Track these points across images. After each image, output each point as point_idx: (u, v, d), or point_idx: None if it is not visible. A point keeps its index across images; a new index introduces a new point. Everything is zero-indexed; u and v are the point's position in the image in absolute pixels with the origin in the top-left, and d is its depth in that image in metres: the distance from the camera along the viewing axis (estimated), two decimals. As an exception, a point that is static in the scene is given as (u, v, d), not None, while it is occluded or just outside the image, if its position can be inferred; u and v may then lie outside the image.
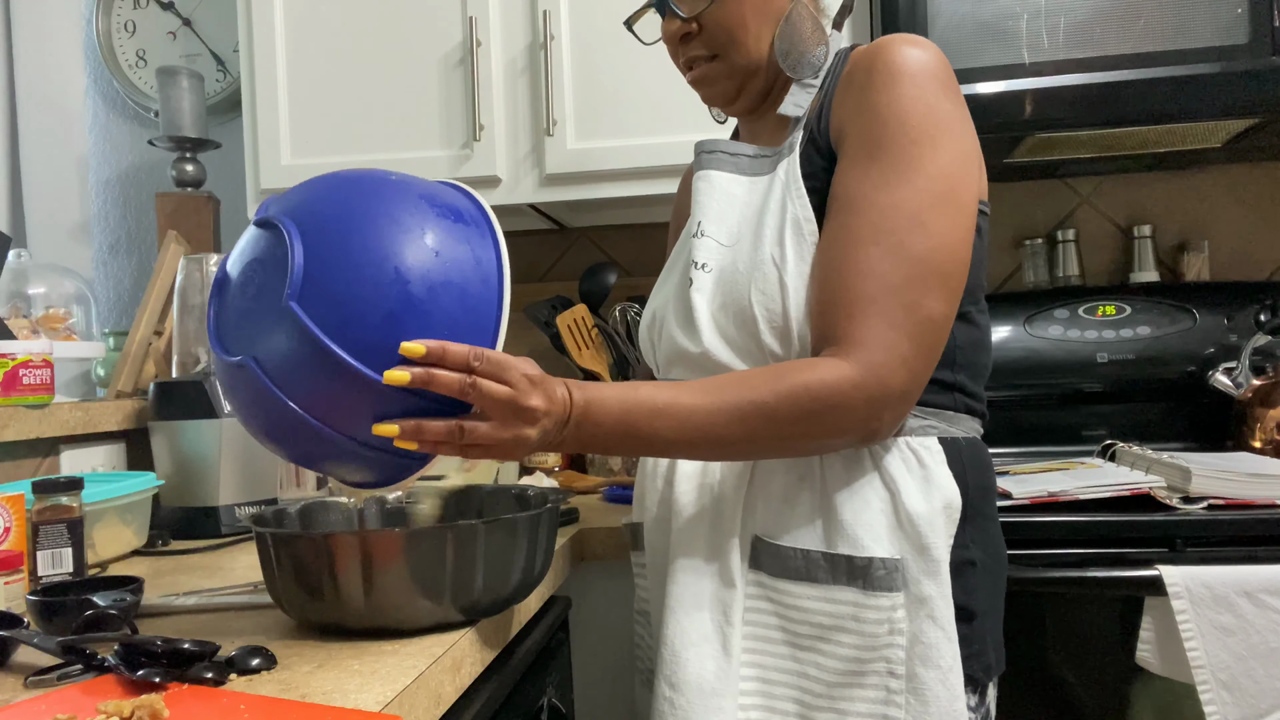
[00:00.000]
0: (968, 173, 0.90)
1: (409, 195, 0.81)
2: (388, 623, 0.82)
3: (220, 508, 1.45)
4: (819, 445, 0.88)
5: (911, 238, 0.86)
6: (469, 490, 1.05)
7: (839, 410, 0.84)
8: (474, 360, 0.76)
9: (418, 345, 0.75)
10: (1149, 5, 1.51)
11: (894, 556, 0.89)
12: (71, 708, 0.66)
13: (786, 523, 0.94)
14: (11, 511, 1.02)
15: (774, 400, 0.84)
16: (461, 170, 1.70)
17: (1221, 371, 1.65)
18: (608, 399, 0.83)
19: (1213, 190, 1.93)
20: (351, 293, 0.75)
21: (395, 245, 0.77)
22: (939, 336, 0.87)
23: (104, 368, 1.87)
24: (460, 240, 0.80)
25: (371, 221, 0.77)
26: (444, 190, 0.85)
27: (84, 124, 2.18)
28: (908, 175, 0.88)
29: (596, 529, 1.35)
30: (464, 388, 0.76)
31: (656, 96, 1.66)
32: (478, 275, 0.80)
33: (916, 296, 0.86)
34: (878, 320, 0.85)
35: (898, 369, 0.85)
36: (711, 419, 0.84)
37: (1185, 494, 1.30)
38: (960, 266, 0.89)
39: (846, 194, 0.90)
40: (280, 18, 1.75)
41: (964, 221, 0.89)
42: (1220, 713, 1.16)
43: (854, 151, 0.91)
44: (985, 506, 0.97)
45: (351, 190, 0.80)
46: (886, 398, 0.85)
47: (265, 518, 0.93)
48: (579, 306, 1.84)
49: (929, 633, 0.88)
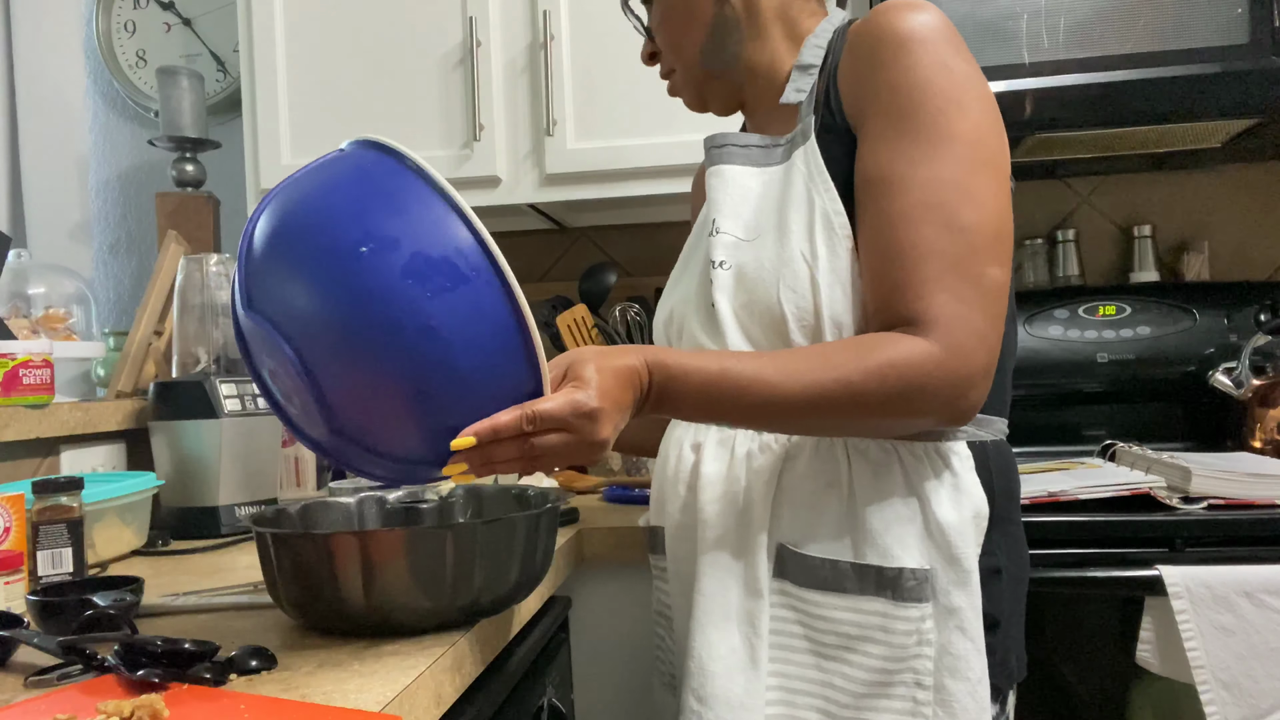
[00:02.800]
0: (998, 132, 0.87)
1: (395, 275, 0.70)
2: (388, 623, 0.82)
3: (220, 508, 1.45)
4: (904, 425, 0.85)
5: (962, 209, 0.83)
6: (470, 490, 1.05)
7: (926, 390, 0.81)
8: (527, 425, 0.74)
9: (468, 439, 0.72)
10: (1149, 5, 1.51)
11: (924, 567, 0.87)
12: (71, 708, 0.66)
13: (813, 531, 0.92)
14: (11, 511, 1.02)
15: (860, 379, 0.81)
16: (461, 170, 1.70)
17: (1221, 371, 1.65)
18: (690, 374, 0.82)
19: (1213, 190, 1.93)
20: (377, 425, 0.72)
21: (399, 361, 0.70)
22: (1003, 304, 0.85)
23: (104, 368, 1.87)
24: (462, 303, 0.71)
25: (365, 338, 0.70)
26: (439, 230, 0.72)
27: (84, 124, 2.18)
28: (942, 145, 0.85)
29: (596, 529, 1.35)
30: (523, 453, 0.75)
31: (656, 96, 1.66)
32: (489, 328, 0.72)
33: (979, 268, 0.83)
34: (947, 298, 0.82)
35: (978, 345, 0.82)
36: (796, 397, 0.82)
37: (1185, 494, 1.30)
38: (1009, 228, 0.86)
39: (881, 175, 0.87)
40: (280, 18, 1.75)
41: (1004, 183, 0.87)
42: (1220, 713, 1.16)
43: (879, 129, 0.88)
44: (1010, 511, 0.94)
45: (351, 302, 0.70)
46: (972, 375, 0.82)
47: (265, 517, 0.93)
48: (579, 306, 1.84)
49: (958, 644, 0.86)
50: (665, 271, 2.06)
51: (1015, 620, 0.94)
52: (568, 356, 0.80)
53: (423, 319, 0.70)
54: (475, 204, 1.72)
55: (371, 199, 0.73)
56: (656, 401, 0.82)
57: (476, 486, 1.05)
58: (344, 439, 0.75)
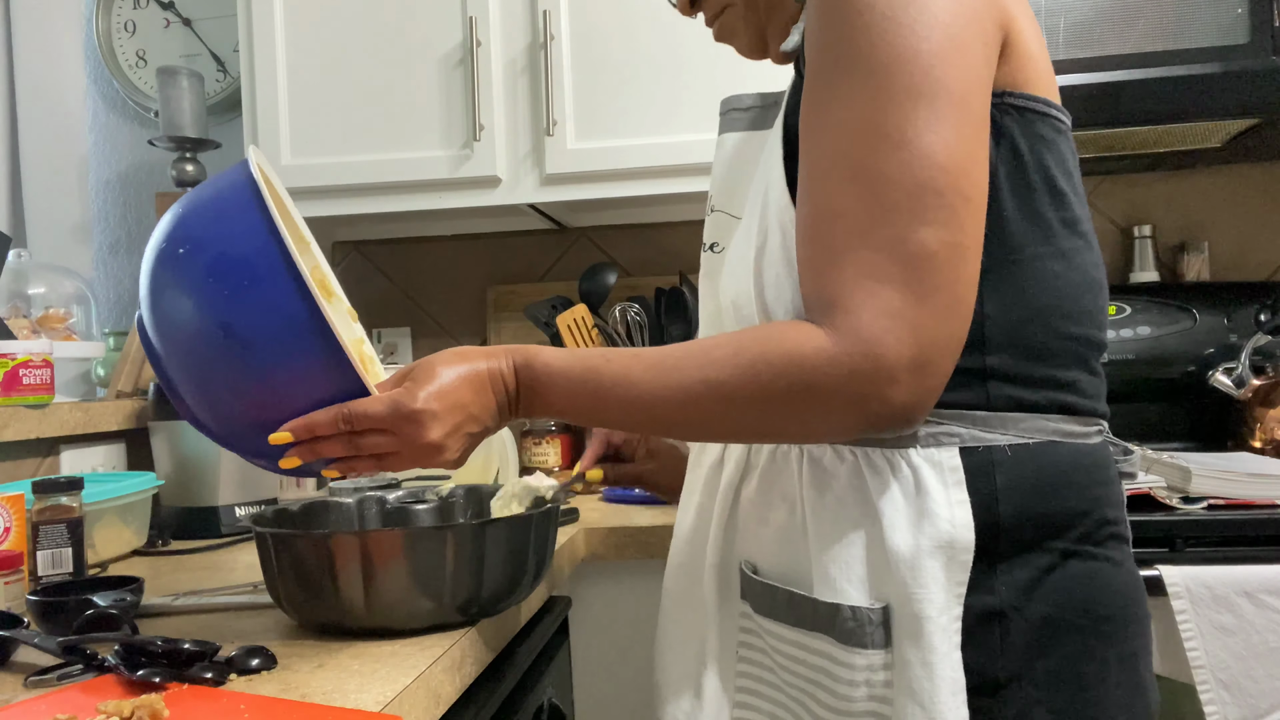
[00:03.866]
0: (955, 49, 0.66)
1: (193, 280, 0.74)
2: (388, 623, 0.82)
3: (220, 508, 1.45)
4: (804, 434, 0.70)
5: (875, 155, 0.66)
6: (470, 490, 1.05)
7: (816, 391, 0.65)
8: (343, 424, 0.72)
9: (284, 434, 0.73)
10: (1149, 5, 1.51)
11: (866, 606, 0.70)
12: (71, 708, 0.66)
13: (767, 551, 0.80)
14: (11, 511, 1.02)
15: (729, 377, 0.68)
16: (461, 170, 1.70)
17: (1221, 371, 1.65)
18: (555, 376, 0.74)
19: (1213, 190, 1.93)
20: (215, 413, 0.76)
21: (205, 357, 0.73)
22: (950, 274, 0.65)
23: (104, 368, 1.87)
24: (258, 303, 0.73)
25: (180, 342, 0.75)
26: (245, 231, 0.75)
27: (84, 124, 2.18)
28: (861, 77, 0.67)
29: (596, 529, 1.35)
30: (348, 450, 0.73)
31: (656, 96, 1.66)
32: (280, 324, 0.73)
33: (897, 230, 0.65)
34: (853, 272, 0.65)
35: (892, 328, 0.64)
36: (661, 398, 0.70)
37: (1185, 494, 1.30)
38: (957, 175, 0.65)
39: (804, 125, 0.72)
40: (280, 18, 1.75)
41: (951, 114, 0.66)
42: (1220, 713, 1.16)
43: (808, 69, 0.72)
44: (1053, 539, 0.71)
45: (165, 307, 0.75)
46: (883, 370, 0.64)
47: (265, 517, 0.93)
48: (579, 306, 1.84)
49: (907, 710, 0.68)
50: (665, 271, 2.06)
51: (1056, 681, 0.70)
52: (428, 358, 0.76)
53: (222, 317, 0.72)
54: (475, 204, 1.72)
55: (205, 205, 0.77)
56: (527, 403, 0.76)
57: (476, 486, 1.05)
58: (208, 432, 0.78)
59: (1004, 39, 0.71)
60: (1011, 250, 0.72)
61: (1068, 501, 0.72)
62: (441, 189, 1.72)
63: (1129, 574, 0.75)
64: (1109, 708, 0.71)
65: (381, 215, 1.82)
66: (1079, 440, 0.74)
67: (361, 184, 1.73)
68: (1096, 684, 0.71)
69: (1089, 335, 0.75)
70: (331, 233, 2.13)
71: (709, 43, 1.65)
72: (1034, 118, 0.72)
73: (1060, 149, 0.74)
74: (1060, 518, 0.72)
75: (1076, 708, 0.70)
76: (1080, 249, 0.75)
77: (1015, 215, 0.72)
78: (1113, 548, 0.75)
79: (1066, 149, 0.75)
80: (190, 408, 0.76)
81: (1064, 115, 0.75)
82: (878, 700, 0.71)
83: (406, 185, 1.73)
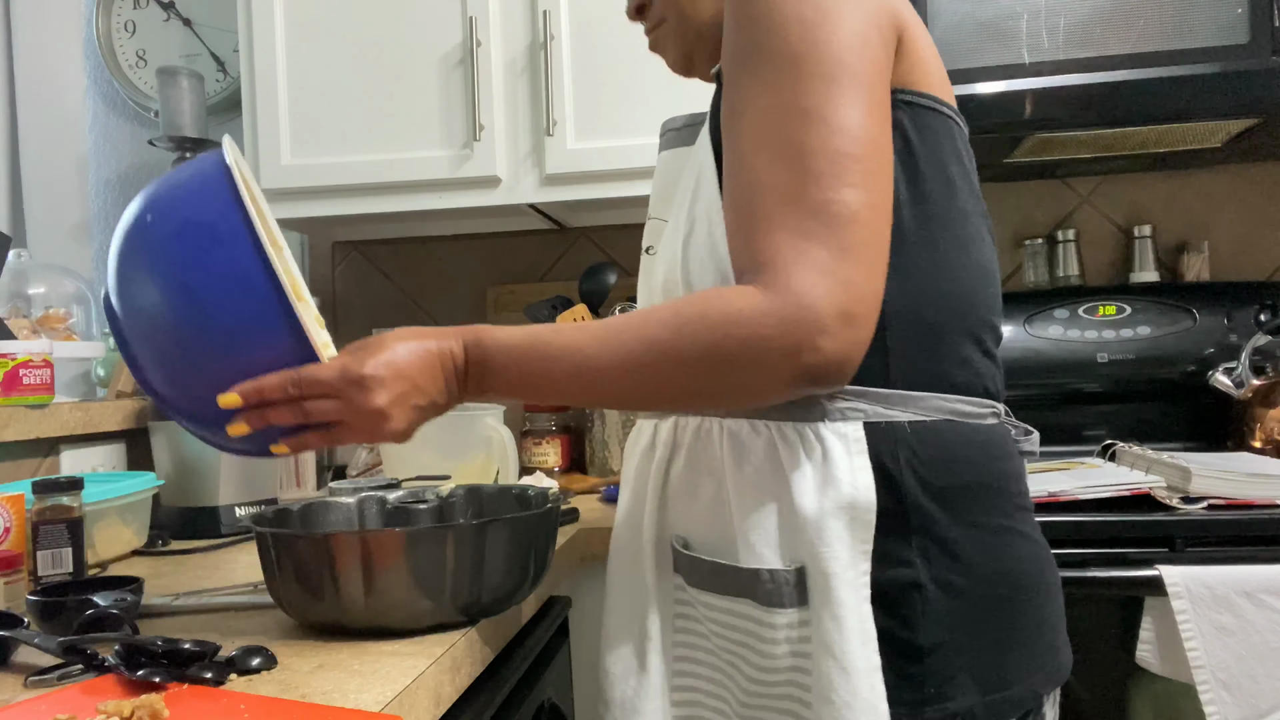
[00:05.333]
0: (860, 44, 0.74)
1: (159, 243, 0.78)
2: (388, 623, 0.82)
3: (220, 508, 1.45)
4: (744, 391, 0.72)
5: (799, 131, 0.71)
6: (470, 490, 1.05)
7: (750, 343, 0.69)
8: (291, 389, 0.74)
9: (233, 396, 0.75)
10: (1149, 5, 1.51)
11: (782, 568, 0.76)
12: (71, 708, 0.66)
13: (695, 525, 0.84)
14: (11, 511, 1.02)
15: (670, 338, 0.71)
16: (461, 170, 1.70)
17: (1221, 371, 1.65)
18: (505, 350, 0.76)
19: (1213, 190, 1.93)
20: (171, 380, 0.78)
21: (163, 318, 0.76)
22: (871, 232, 0.71)
23: (104, 368, 1.87)
24: (217, 266, 0.76)
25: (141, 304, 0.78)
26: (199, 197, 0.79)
27: (84, 124, 2.18)
28: (782, 68, 0.73)
29: (596, 529, 1.35)
30: (296, 416, 0.75)
31: (657, 96, 1.66)
32: (238, 288, 0.75)
33: (823, 194, 0.70)
34: (783, 234, 0.70)
35: (820, 281, 0.68)
36: (608, 364, 0.73)
37: (1185, 494, 1.30)
38: (870, 145, 0.72)
39: (726, 119, 0.77)
40: (280, 18, 1.75)
41: (862, 95, 0.72)
42: (1220, 713, 1.16)
43: (726, 69, 0.77)
44: (959, 513, 0.77)
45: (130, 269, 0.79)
46: (815, 320, 0.68)
47: (265, 518, 0.93)
48: (579, 306, 1.84)
49: (822, 662, 0.73)
50: (665, 271, 2.06)
51: (976, 645, 0.76)
52: (381, 334, 0.79)
53: (181, 277, 0.75)
54: (475, 204, 1.72)
55: (175, 182, 0.81)
56: (478, 380, 0.78)
57: (477, 486, 1.05)
58: (159, 400, 0.80)
59: (898, 40, 0.78)
60: (906, 233, 0.77)
61: (967, 475, 0.77)
62: (441, 189, 1.72)
63: (1037, 544, 0.82)
64: (1026, 669, 0.78)
65: (381, 215, 1.82)
66: (974, 420, 0.80)
67: (361, 184, 1.73)
68: (1015, 648, 0.77)
69: (984, 319, 0.81)
70: (331, 233, 2.13)
71: (709, 43, 1.65)
72: (924, 112, 0.79)
73: (953, 143, 0.80)
74: (964, 490, 0.77)
75: (996, 671, 0.76)
76: (973, 238, 0.81)
77: (907, 199, 0.78)
78: (1020, 520, 0.81)
79: (960, 144, 0.81)
80: (148, 377, 0.79)
81: (957, 116, 0.81)
82: (799, 656, 0.76)
83: (406, 185, 1.73)
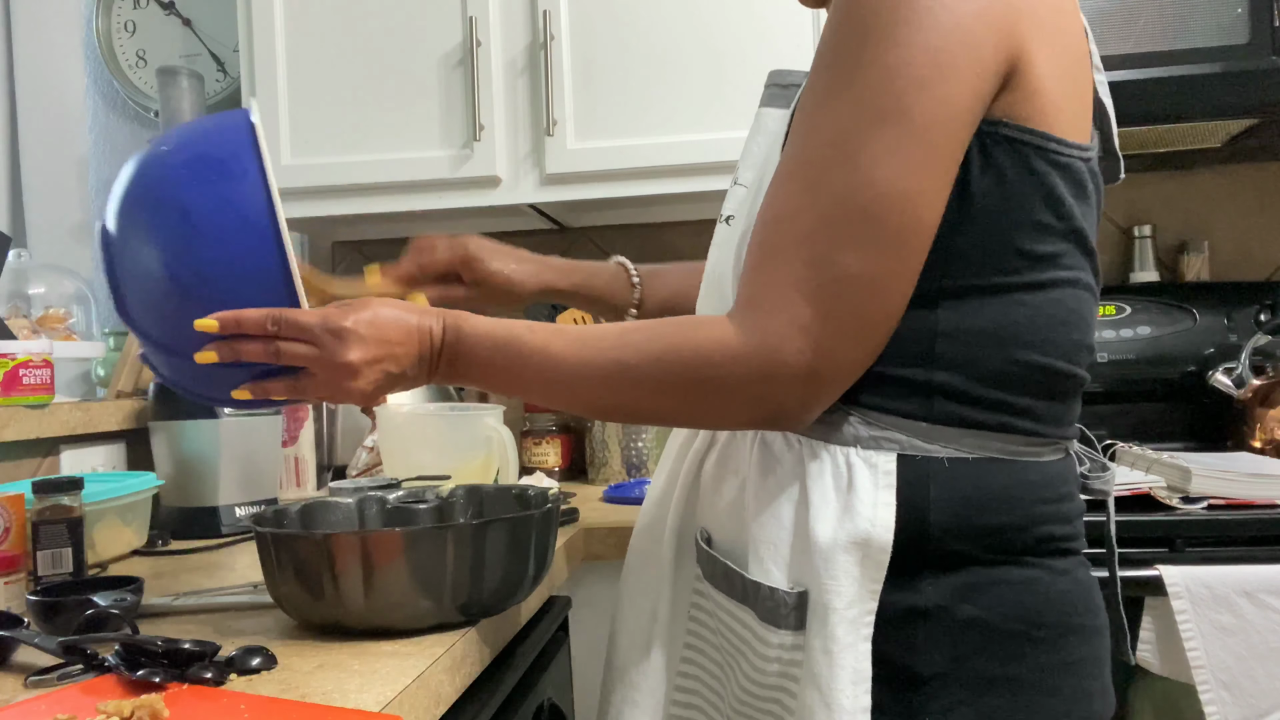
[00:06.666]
0: (939, 79, 0.66)
1: (167, 168, 0.80)
2: (388, 623, 0.82)
3: (220, 508, 1.45)
4: (705, 422, 0.75)
5: (831, 170, 0.68)
6: (470, 490, 1.05)
7: (717, 384, 0.70)
8: (270, 325, 0.75)
9: (210, 320, 0.76)
10: (1149, 5, 1.51)
11: (784, 589, 0.74)
12: (71, 708, 0.66)
13: (716, 521, 0.84)
14: (11, 511, 1.02)
15: (642, 364, 0.71)
16: (461, 170, 1.70)
17: (1221, 371, 1.65)
18: (481, 338, 0.77)
19: (1213, 190, 1.93)
20: (150, 306, 0.79)
21: (157, 238, 0.78)
22: (865, 302, 0.68)
23: (104, 368, 1.87)
24: (221, 196, 0.78)
25: (138, 222, 0.80)
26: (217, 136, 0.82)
27: (84, 124, 2.18)
28: (844, 87, 0.68)
29: (596, 529, 1.35)
30: (268, 354, 0.76)
31: (656, 96, 1.66)
32: (236, 221, 0.78)
33: (826, 248, 0.67)
34: (777, 275, 0.68)
35: (793, 338, 0.67)
36: (575, 375, 0.74)
37: (1185, 494, 1.30)
38: (899, 207, 0.66)
39: (794, 119, 0.73)
40: (280, 18, 1.75)
41: (912, 146, 0.66)
42: (1220, 713, 1.16)
43: (814, 58, 0.73)
44: (983, 552, 0.72)
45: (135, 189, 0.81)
46: (779, 374, 0.68)
47: (265, 517, 0.93)
48: (579, 306, 1.84)
49: (807, 694, 0.71)
50: (665, 271, 2.06)
51: (984, 682, 0.71)
52: (366, 297, 0.80)
53: (181, 201, 0.77)
54: (475, 204, 1.72)
55: (195, 122, 0.84)
56: (449, 363, 0.79)
57: (477, 486, 1.05)
58: (135, 328, 0.81)
59: (1010, 70, 0.69)
60: (973, 276, 0.72)
61: (1003, 516, 0.73)
62: (441, 189, 1.72)
63: (1074, 583, 0.76)
64: (1044, 713, 0.72)
65: (381, 215, 1.82)
66: (1027, 458, 0.74)
67: (361, 184, 1.73)
68: (1028, 689, 0.72)
69: (1053, 365, 0.74)
70: (331, 233, 2.13)
71: (709, 43, 1.65)
72: (1027, 150, 0.71)
73: (1050, 182, 0.72)
74: (996, 531, 0.72)
75: (1004, 711, 0.71)
76: (1059, 282, 0.74)
77: (983, 244, 0.72)
78: (1057, 561, 0.75)
79: (1061, 183, 0.73)
80: (126, 301, 0.80)
81: (1067, 147, 0.72)
82: (788, 679, 0.74)
83: (406, 185, 1.73)
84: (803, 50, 1.62)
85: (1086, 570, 0.78)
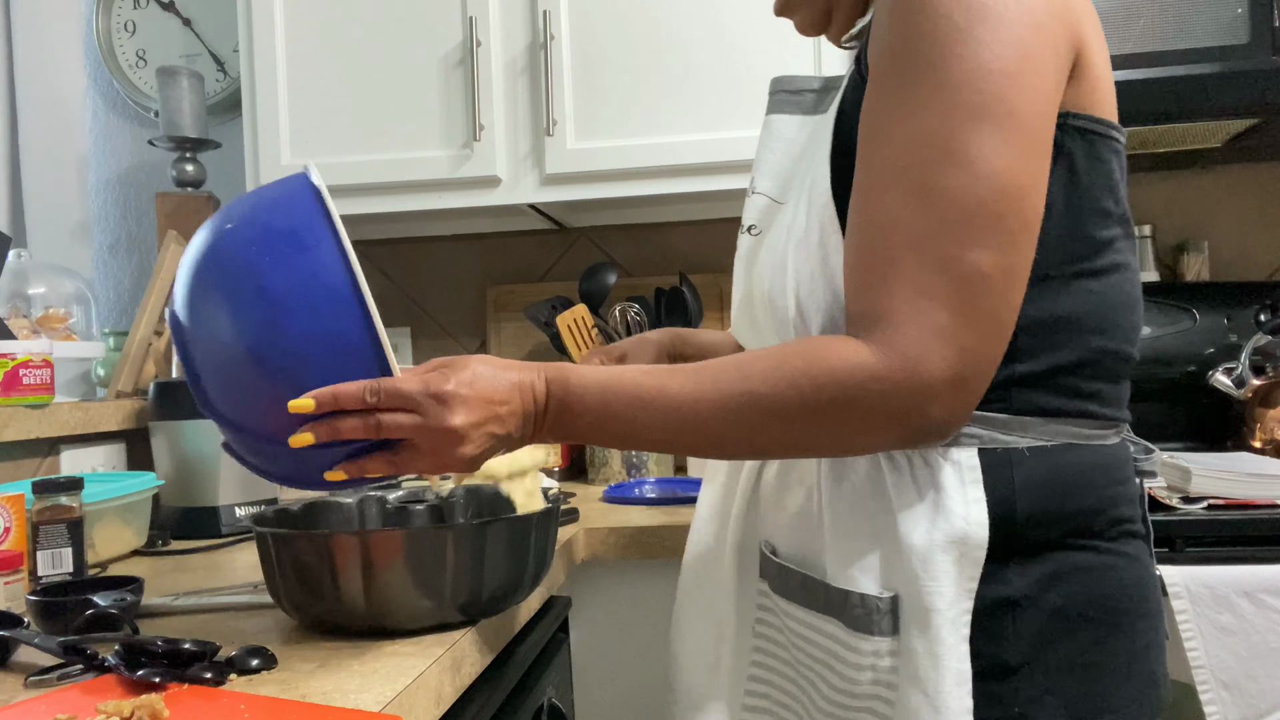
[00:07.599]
0: (1029, 70, 0.67)
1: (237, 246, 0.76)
2: (388, 623, 0.82)
3: (220, 508, 1.45)
4: (843, 447, 0.71)
5: (938, 172, 0.66)
6: (470, 490, 1.05)
7: (857, 405, 0.67)
8: (369, 396, 0.69)
9: (306, 400, 0.70)
10: (1149, 5, 1.51)
11: (876, 595, 0.73)
12: (71, 708, 0.66)
13: (784, 532, 0.83)
14: (11, 511, 1.02)
15: (770, 392, 0.68)
16: (461, 170, 1.70)
17: (1221, 371, 1.65)
18: (589, 387, 0.72)
19: (1213, 190, 1.93)
20: (233, 392, 0.74)
21: (236, 321, 0.73)
22: (999, 298, 0.67)
23: (104, 368, 1.87)
24: (299, 270, 0.73)
25: (213, 308, 0.75)
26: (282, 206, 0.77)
27: (84, 124, 2.18)
28: (930, 90, 0.67)
29: (596, 529, 1.35)
30: (368, 429, 0.70)
31: (656, 96, 1.66)
32: (319, 292, 0.73)
33: (952, 249, 0.66)
34: (902, 287, 0.66)
35: (936, 345, 0.65)
36: (699, 413, 0.70)
37: (1185, 494, 1.30)
38: (1017, 200, 0.66)
39: (865, 130, 0.72)
40: (280, 18, 1.75)
41: (1017, 139, 0.66)
42: (1220, 713, 1.16)
43: (873, 72, 0.72)
44: (1066, 537, 0.73)
45: (205, 273, 0.76)
46: (925, 387, 0.66)
47: (266, 517, 0.93)
48: (579, 306, 1.84)
49: (909, 696, 0.71)
50: (665, 271, 2.06)
51: (1067, 669, 0.72)
52: (462, 355, 0.75)
53: (257, 279, 0.73)
54: (475, 204, 1.72)
55: (257, 194, 0.79)
56: (557, 416, 0.74)
57: (477, 486, 1.05)
58: (220, 419, 0.76)
59: (1075, 60, 0.71)
60: (1052, 266, 0.73)
61: (1083, 500, 0.74)
62: (441, 189, 1.72)
63: (1143, 569, 0.77)
64: (1120, 699, 0.73)
65: (381, 215, 1.82)
66: (1096, 443, 0.76)
67: (361, 184, 1.73)
68: (1108, 675, 0.73)
69: (1117, 349, 0.76)
70: (331, 233, 2.12)
71: (709, 43, 1.65)
72: (1095, 139, 0.73)
73: (1112, 170, 0.75)
74: (1076, 515, 0.73)
75: (1087, 698, 0.72)
76: (1118, 266, 0.76)
77: (1061, 234, 0.73)
78: (1127, 544, 0.76)
79: (1118, 169, 0.76)
80: (207, 392, 0.76)
81: (1120, 134, 0.76)
82: (882, 685, 0.73)
83: (406, 185, 1.73)
84: (802, 51, 1.62)
85: (1150, 556, 0.79)
